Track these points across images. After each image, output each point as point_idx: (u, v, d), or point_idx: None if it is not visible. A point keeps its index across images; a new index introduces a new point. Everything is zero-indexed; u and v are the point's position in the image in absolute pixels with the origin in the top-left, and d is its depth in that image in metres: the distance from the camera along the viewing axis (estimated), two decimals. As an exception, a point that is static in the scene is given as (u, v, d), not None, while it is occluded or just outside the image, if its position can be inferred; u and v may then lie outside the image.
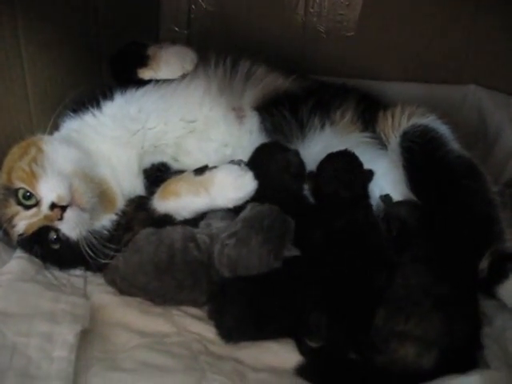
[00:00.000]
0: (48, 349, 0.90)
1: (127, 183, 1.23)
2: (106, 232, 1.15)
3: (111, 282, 1.13)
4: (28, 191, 1.09)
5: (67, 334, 0.93)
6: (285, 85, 1.36)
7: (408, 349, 0.96)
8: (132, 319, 1.06)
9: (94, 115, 1.23)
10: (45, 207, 1.07)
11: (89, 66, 1.47)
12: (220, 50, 1.41)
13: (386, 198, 1.23)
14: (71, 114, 1.25)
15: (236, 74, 1.34)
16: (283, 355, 1.01)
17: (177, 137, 1.27)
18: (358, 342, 1.02)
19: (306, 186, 1.23)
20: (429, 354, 0.95)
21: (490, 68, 1.55)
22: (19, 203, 1.09)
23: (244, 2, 1.68)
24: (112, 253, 1.11)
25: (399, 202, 1.22)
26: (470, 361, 0.97)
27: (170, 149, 1.27)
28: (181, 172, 1.22)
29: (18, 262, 1.09)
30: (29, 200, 1.09)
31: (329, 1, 1.62)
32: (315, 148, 1.30)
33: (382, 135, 1.28)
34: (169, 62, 1.22)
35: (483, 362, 0.96)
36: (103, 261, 1.12)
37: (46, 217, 1.07)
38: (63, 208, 1.07)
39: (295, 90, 1.36)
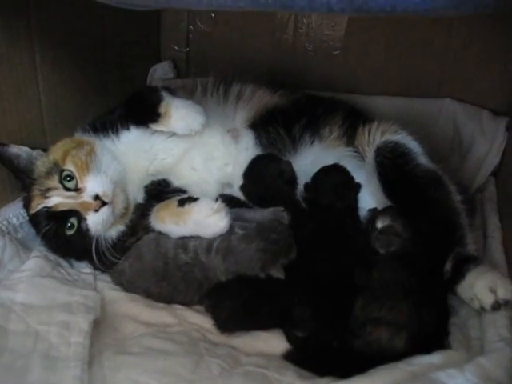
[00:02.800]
0: (66, 335, 1.02)
1: (131, 196, 1.32)
2: (110, 242, 1.24)
3: (118, 284, 1.24)
4: (72, 176, 1.20)
5: (82, 322, 1.05)
6: (273, 100, 1.46)
7: (381, 332, 1.07)
8: (138, 312, 1.17)
9: (112, 140, 1.32)
10: (87, 195, 1.18)
11: (96, 84, 1.60)
12: (215, 73, 1.52)
13: (374, 211, 1.32)
14: (91, 132, 1.34)
15: (228, 99, 1.45)
16: (273, 343, 1.12)
17: (180, 161, 1.37)
18: (338, 330, 1.13)
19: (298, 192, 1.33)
20: (399, 336, 1.06)
21: (464, 83, 1.66)
22: (60, 182, 1.20)
23: (238, 24, 1.81)
24: (114, 260, 1.22)
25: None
26: (437, 345, 1.09)
27: (173, 170, 1.37)
28: (180, 191, 1.32)
29: (36, 261, 1.20)
30: (68, 183, 1.20)
31: (316, 22, 1.74)
32: (305, 161, 1.40)
33: (360, 149, 1.38)
34: (178, 123, 1.27)
35: (448, 347, 1.06)
36: (102, 267, 1.24)
37: (84, 203, 1.18)
38: (103, 203, 1.18)
39: (284, 104, 1.46)
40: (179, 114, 1.26)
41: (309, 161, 1.40)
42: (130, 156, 1.34)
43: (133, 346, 1.07)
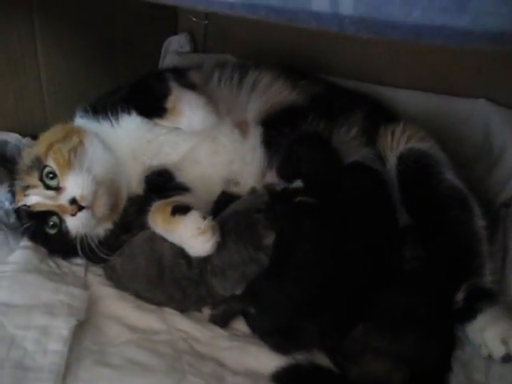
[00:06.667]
0: (43, 342, 0.97)
1: (128, 189, 1.25)
2: (96, 241, 1.17)
3: (110, 279, 1.19)
4: (54, 173, 1.13)
5: (63, 327, 1.00)
6: (290, 98, 1.34)
7: (380, 364, 1.02)
8: (126, 313, 1.12)
9: (111, 124, 1.23)
10: (64, 198, 1.11)
11: (103, 58, 1.51)
12: (233, 49, 1.41)
13: None
14: (91, 115, 1.24)
15: (242, 88, 1.33)
16: (263, 360, 1.05)
17: (185, 154, 1.27)
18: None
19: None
20: (398, 370, 1.00)
21: (502, 84, 1.50)
22: (41, 179, 1.13)
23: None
24: (104, 256, 1.16)
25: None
26: (439, 381, 1.03)
27: (176, 162, 1.27)
28: (183, 188, 1.24)
29: (23, 253, 1.15)
30: (50, 180, 1.13)
31: (346, 2, 1.59)
32: None
33: (382, 152, 1.28)
34: (185, 122, 1.17)
35: (448, 385, 1.01)
36: (92, 262, 1.20)
37: (60, 206, 1.11)
38: (80, 207, 1.11)
39: (301, 103, 1.34)
40: (188, 112, 1.15)
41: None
42: (131, 144, 1.24)
43: (114, 356, 1.02)
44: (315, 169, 1.21)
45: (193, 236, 1.06)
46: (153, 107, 1.19)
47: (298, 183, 1.21)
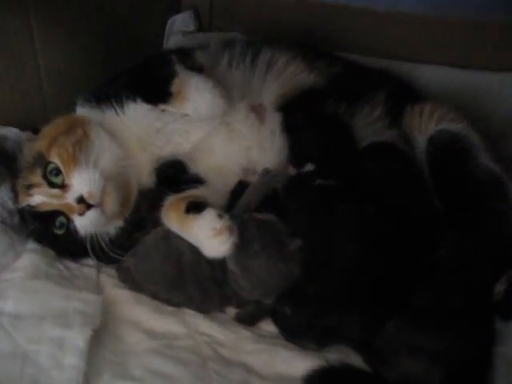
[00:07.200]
0: (59, 356, 0.90)
1: (134, 184, 1.17)
2: (107, 239, 1.10)
3: (124, 281, 1.11)
4: (58, 169, 1.05)
5: (78, 338, 0.93)
6: (309, 80, 1.25)
7: (415, 363, 0.97)
8: (144, 317, 1.06)
9: (116, 113, 1.14)
10: (71, 196, 1.03)
11: (104, 42, 1.41)
12: (240, 26, 1.33)
13: None
14: (94, 104, 1.16)
15: (255, 69, 1.24)
16: (292, 362, 1.00)
17: (198, 143, 1.19)
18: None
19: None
20: (436, 368, 0.95)
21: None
22: (44, 177, 1.06)
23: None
24: (115, 256, 1.09)
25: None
26: (480, 379, 0.97)
27: (188, 152, 1.19)
28: (196, 181, 1.16)
29: (30, 257, 1.08)
30: (55, 177, 1.05)
31: (361, -27, 1.49)
32: None
33: (409, 133, 1.21)
34: (192, 108, 1.09)
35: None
36: (104, 262, 1.13)
37: (67, 205, 1.04)
38: (89, 206, 1.03)
39: (321, 84, 1.25)
40: (194, 96, 1.07)
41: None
42: (139, 133, 1.16)
43: (135, 367, 0.95)
44: (325, 148, 1.16)
45: (208, 237, 0.98)
46: (157, 92, 1.11)
47: (309, 167, 1.14)
